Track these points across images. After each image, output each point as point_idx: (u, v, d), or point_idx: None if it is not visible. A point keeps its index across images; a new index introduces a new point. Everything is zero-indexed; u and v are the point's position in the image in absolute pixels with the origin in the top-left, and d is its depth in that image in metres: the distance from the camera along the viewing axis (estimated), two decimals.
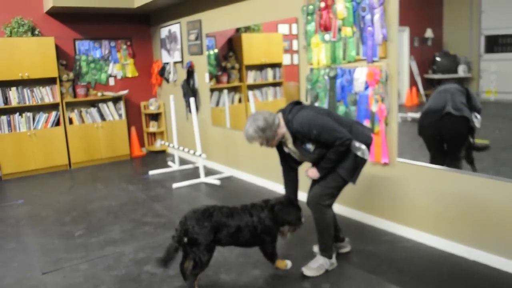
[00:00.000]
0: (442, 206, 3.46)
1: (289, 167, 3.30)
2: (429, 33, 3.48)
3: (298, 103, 3.10)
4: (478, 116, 3.25)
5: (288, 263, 3.26)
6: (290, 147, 3.13)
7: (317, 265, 3.20)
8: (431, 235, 3.58)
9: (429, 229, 3.60)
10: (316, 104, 4.40)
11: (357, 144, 3.00)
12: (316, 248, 3.47)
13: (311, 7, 4.25)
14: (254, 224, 3.02)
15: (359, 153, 3.01)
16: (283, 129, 3.01)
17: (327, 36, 4.15)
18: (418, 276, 3.11)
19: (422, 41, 3.53)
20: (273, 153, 5.20)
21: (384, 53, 3.69)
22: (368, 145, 3.07)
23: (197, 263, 2.90)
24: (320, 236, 3.20)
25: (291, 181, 3.33)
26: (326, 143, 2.93)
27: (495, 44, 3.15)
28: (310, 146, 3.00)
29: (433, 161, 3.55)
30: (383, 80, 3.70)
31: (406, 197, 3.74)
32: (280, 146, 3.20)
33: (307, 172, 3.16)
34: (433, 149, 3.59)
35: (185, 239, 2.89)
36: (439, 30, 3.40)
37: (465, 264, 3.24)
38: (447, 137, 3.50)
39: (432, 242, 3.57)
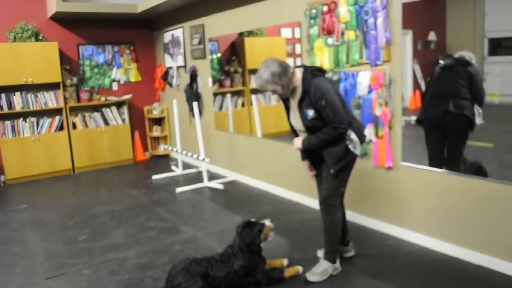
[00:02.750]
0: (447, 210, 3.44)
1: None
2: (432, 36, 3.47)
3: (321, 70, 3.10)
4: (480, 110, 3.25)
5: (300, 269, 3.26)
6: (293, 105, 3.13)
7: (320, 270, 3.18)
8: (435, 239, 3.56)
9: (433, 233, 3.58)
10: None
11: (352, 135, 3.01)
12: (320, 253, 3.46)
13: (314, 11, 4.25)
14: (230, 275, 3.02)
15: (350, 146, 3.01)
16: (297, 83, 3.01)
17: (330, 40, 4.14)
18: (423, 280, 3.09)
19: (426, 44, 3.52)
20: (277, 157, 5.20)
21: (388, 57, 3.68)
22: (362, 142, 3.09)
23: None
24: (327, 237, 3.19)
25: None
26: (325, 119, 2.93)
27: (498, 46, 3.14)
28: (310, 113, 2.98)
29: (431, 159, 3.58)
30: (386, 84, 3.69)
31: (410, 201, 3.73)
32: (287, 102, 3.21)
33: (294, 143, 3.16)
34: (432, 143, 3.61)
35: None
36: (443, 33, 3.39)
37: (471, 268, 3.22)
38: (447, 133, 3.52)
39: (437, 246, 3.55)
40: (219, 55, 6.28)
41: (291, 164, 5.00)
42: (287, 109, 3.24)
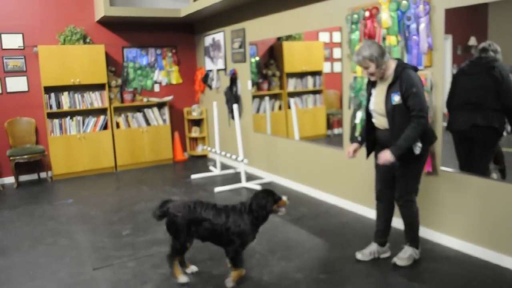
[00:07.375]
0: (487, 216, 3.42)
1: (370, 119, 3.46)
2: (473, 41, 3.45)
3: (414, 67, 3.26)
4: (508, 126, 3.30)
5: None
6: (381, 88, 3.28)
7: (407, 255, 3.41)
8: (474, 245, 3.54)
9: (472, 239, 3.56)
10: (359, 112, 4.43)
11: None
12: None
13: (355, 16, 4.30)
14: (227, 225, 3.11)
15: (414, 148, 3.15)
16: (390, 70, 3.21)
17: None
18: (460, 286, 3.09)
19: (466, 49, 3.51)
20: (314, 160, 5.25)
21: (430, 62, 3.69)
22: (430, 143, 3.34)
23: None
24: (408, 228, 3.42)
25: (368, 131, 3.49)
26: (410, 106, 3.08)
27: None
28: (396, 98, 3.13)
29: (461, 168, 3.61)
30: (428, 89, 3.70)
31: (449, 207, 3.72)
32: (371, 88, 3.40)
33: (379, 160, 3.23)
34: (461, 154, 3.66)
35: None
36: (484, 38, 3.37)
37: (510, 275, 3.19)
38: (474, 145, 3.56)
39: (475, 252, 3.53)
40: (257, 58, 6.40)
41: (328, 167, 5.05)
42: (369, 94, 3.42)
